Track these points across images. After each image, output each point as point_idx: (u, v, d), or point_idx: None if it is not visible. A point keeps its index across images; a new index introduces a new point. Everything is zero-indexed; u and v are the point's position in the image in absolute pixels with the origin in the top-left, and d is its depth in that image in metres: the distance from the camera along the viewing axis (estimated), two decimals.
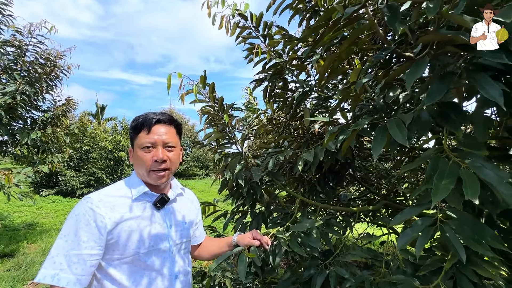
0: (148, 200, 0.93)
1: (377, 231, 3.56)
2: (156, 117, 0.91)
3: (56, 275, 0.75)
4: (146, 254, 0.87)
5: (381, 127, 0.71)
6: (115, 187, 0.92)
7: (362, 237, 1.57)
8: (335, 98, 1.47)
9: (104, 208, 0.83)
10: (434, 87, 0.57)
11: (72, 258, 0.76)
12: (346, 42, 0.66)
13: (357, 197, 2.38)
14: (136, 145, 0.91)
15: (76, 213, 0.81)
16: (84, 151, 9.49)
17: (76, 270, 0.76)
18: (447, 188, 0.59)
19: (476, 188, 0.55)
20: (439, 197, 0.59)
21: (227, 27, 1.56)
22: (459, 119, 0.68)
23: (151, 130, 0.90)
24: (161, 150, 0.90)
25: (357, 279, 1.15)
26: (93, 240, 0.79)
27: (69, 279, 0.75)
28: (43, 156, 4.02)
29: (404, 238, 0.81)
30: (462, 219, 0.75)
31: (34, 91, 3.60)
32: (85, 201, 0.83)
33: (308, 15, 1.55)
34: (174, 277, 0.93)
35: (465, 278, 0.84)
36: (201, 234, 1.19)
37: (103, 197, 0.85)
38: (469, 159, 0.63)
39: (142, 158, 0.89)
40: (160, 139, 0.90)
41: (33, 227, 5.30)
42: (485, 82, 0.53)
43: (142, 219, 0.88)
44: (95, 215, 0.80)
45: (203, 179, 17.16)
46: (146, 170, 0.90)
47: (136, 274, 0.85)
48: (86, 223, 0.79)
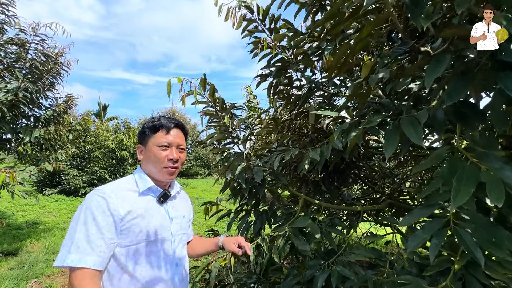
0: (152, 195, 1.02)
1: (380, 230, 3.53)
2: (173, 122, 1.04)
3: (82, 258, 0.80)
4: (151, 242, 0.95)
5: (394, 125, 0.68)
6: (124, 181, 1.00)
7: (366, 237, 1.54)
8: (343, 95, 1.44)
9: (116, 198, 0.90)
10: (455, 86, 0.54)
11: (96, 242, 0.83)
12: (362, 33, 0.62)
13: (360, 196, 2.35)
14: (152, 143, 1.00)
15: (89, 203, 0.87)
16: (86, 151, 9.52)
17: (100, 252, 0.83)
18: (468, 191, 0.56)
19: (500, 192, 0.52)
20: (460, 201, 0.56)
21: (233, 19, 1.54)
22: (476, 118, 0.65)
23: (169, 132, 1.01)
24: (175, 150, 1.01)
25: (360, 279, 1.14)
26: (110, 225, 0.86)
27: (95, 260, 0.82)
28: (46, 153, 4.03)
29: (416, 239, 0.78)
30: (477, 221, 0.72)
31: (36, 89, 3.59)
32: (98, 191, 0.90)
33: (314, 10, 1.52)
34: (175, 264, 1.03)
35: (475, 280, 0.81)
36: (191, 232, 1.28)
37: (114, 189, 0.93)
38: (488, 160, 0.60)
39: (157, 155, 0.98)
40: (176, 141, 1.02)
41: (36, 226, 5.32)
42: (508, 79, 0.50)
43: (148, 211, 0.96)
44: (109, 204, 0.87)
45: (205, 178, 17.20)
46: (160, 167, 0.99)
47: (141, 260, 0.92)
48: (102, 210, 0.86)
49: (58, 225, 5.49)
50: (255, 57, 1.61)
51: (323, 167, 1.61)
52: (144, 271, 0.92)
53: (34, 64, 3.63)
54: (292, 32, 1.48)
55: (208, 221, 1.72)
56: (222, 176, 1.61)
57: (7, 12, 3.56)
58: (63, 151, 4.31)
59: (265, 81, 1.69)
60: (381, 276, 1.15)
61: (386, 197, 1.94)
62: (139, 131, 1.05)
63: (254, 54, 1.60)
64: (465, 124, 0.65)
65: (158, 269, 0.96)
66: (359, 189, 2.73)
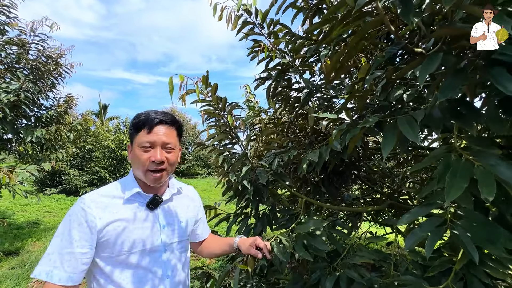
0: (140, 201, 0.93)
1: (380, 230, 3.53)
2: (158, 117, 0.90)
3: (50, 272, 0.78)
4: (136, 253, 0.88)
5: (391, 124, 0.69)
6: (111, 187, 0.93)
7: (367, 238, 1.54)
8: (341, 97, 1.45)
9: (96, 208, 0.85)
10: (448, 83, 0.55)
11: (65, 256, 0.79)
12: (356, 37, 0.64)
13: (360, 196, 2.36)
14: (135, 143, 0.90)
15: (70, 213, 0.84)
16: (87, 150, 9.55)
17: (68, 268, 0.79)
18: (460, 187, 0.57)
19: (491, 186, 0.53)
20: (453, 196, 0.57)
21: (228, 19, 1.53)
22: (472, 116, 0.66)
23: (152, 130, 0.89)
24: (159, 151, 0.89)
25: (366, 282, 1.12)
26: (85, 239, 0.82)
27: (61, 276, 0.78)
28: (46, 153, 4.05)
29: (413, 238, 0.79)
30: (473, 219, 0.73)
31: (37, 89, 3.61)
32: (79, 201, 0.86)
33: (312, 14, 1.53)
34: (165, 277, 0.94)
35: (476, 279, 0.81)
36: (203, 232, 1.19)
37: (97, 197, 0.87)
38: (482, 157, 0.61)
39: (139, 157, 0.89)
40: (160, 140, 0.89)
41: (37, 226, 5.33)
42: (502, 77, 0.51)
43: (133, 220, 0.89)
44: (87, 215, 0.83)
45: (205, 178, 17.20)
46: (143, 170, 0.90)
47: (127, 272, 0.87)
48: (79, 222, 0.82)
49: (58, 224, 5.49)
50: (252, 58, 1.62)
51: (323, 168, 1.62)
52: (137, 284, 0.87)
53: (36, 64, 3.66)
54: (290, 35, 1.48)
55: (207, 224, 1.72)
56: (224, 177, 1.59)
57: (9, 14, 3.59)
58: (63, 151, 4.33)
59: (264, 83, 1.70)
60: (385, 278, 1.14)
61: (386, 198, 1.94)
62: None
63: (253, 57, 1.61)
64: (461, 122, 0.66)
65: (146, 282, 0.89)
66: (359, 189, 2.74)
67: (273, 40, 1.55)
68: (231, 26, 1.54)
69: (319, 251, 1.11)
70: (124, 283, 0.86)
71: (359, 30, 0.63)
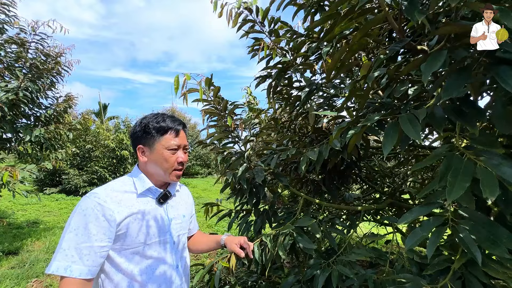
0: (151, 196, 0.99)
1: (381, 230, 3.52)
2: (180, 122, 1.02)
3: (68, 267, 0.79)
4: (150, 245, 0.93)
5: (393, 122, 0.68)
6: (119, 183, 0.97)
7: (367, 236, 1.55)
8: (342, 95, 1.44)
9: (112, 202, 0.88)
10: (452, 81, 0.55)
11: (83, 251, 0.81)
12: (359, 33, 0.63)
13: (361, 196, 2.35)
14: (161, 146, 0.96)
15: (84, 207, 0.85)
16: (87, 150, 9.53)
17: (87, 262, 0.81)
18: (462, 186, 0.56)
19: (494, 186, 0.53)
20: (455, 195, 0.56)
21: (229, 16, 1.52)
22: (475, 116, 0.65)
23: (179, 134, 0.99)
24: (182, 152, 1.00)
25: (360, 278, 1.14)
26: (103, 233, 0.84)
27: (82, 270, 0.80)
28: (46, 152, 4.03)
29: (414, 237, 0.78)
30: (476, 219, 0.73)
31: (37, 88, 3.60)
32: (92, 196, 0.87)
33: (313, 11, 1.52)
34: (175, 266, 1.01)
35: (474, 279, 0.81)
36: (194, 227, 1.26)
37: (110, 192, 0.91)
38: (485, 156, 0.61)
39: (168, 158, 0.96)
40: (183, 143, 1.01)
41: (36, 225, 5.33)
42: (506, 75, 0.51)
43: (147, 213, 0.95)
44: (104, 209, 0.85)
45: (205, 177, 17.18)
46: (169, 169, 0.97)
47: (140, 263, 0.92)
48: (95, 217, 0.84)
49: (58, 224, 5.49)
50: (252, 56, 1.61)
51: (323, 167, 1.61)
52: (144, 275, 0.91)
53: (35, 63, 3.64)
54: (291, 33, 1.48)
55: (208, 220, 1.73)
56: (223, 176, 1.61)
57: (8, 12, 3.57)
58: (63, 151, 4.32)
59: (265, 82, 1.70)
60: (381, 275, 1.15)
61: (387, 197, 1.94)
62: (138, 130, 0.98)
63: (253, 55, 1.60)
64: (464, 122, 0.65)
65: (158, 272, 0.95)
66: (359, 189, 2.73)
67: (273, 38, 1.54)
68: (231, 24, 1.53)
69: (307, 250, 1.15)
70: (140, 274, 0.90)
71: (361, 27, 0.62)
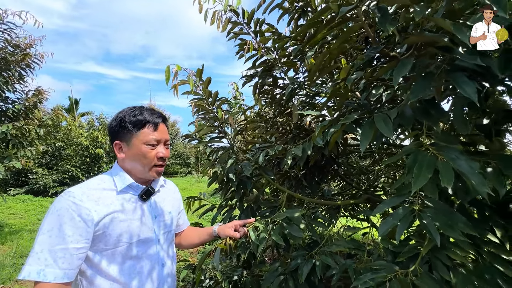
0: (132, 192, 0.94)
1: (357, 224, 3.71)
2: (159, 115, 0.95)
3: (41, 271, 0.74)
4: (132, 244, 0.89)
5: (369, 121, 0.76)
6: (97, 181, 0.91)
7: (346, 229, 1.65)
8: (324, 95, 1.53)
9: (89, 201, 0.83)
10: (418, 85, 0.63)
11: (58, 253, 0.76)
12: (339, 40, 0.70)
13: (339, 192, 2.48)
14: (138, 141, 0.90)
15: (58, 207, 0.79)
16: (57, 148, 8.96)
17: (63, 265, 0.76)
18: (425, 176, 0.65)
19: (450, 176, 0.61)
20: (419, 185, 0.65)
21: (219, 22, 1.57)
22: (438, 116, 0.74)
23: (158, 127, 0.92)
24: (163, 147, 0.94)
25: (341, 267, 1.22)
26: (79, 234, 0.79)
27: (57, 273, 0.75)
28: (13, 150, 3.76)
29: (386, 225, 0.86)
30: (438, 208, 0.82)
31: (3, 81, 3.35)
32: (67, 195, 0.82)
33: (297, 15, 1.59)
34: (161, 265, 0.97)
35: (439, 262, 0.92)
36: (184, 223, 1.23)
37: (86, 190, 0.85)
38: (445, 152, 0.70)
39: (146, 154, 0.90)
40: (164, 137, 0.94)
41: (1, 228, 4.94)
42: (462, 81, 0.59)
43: (128, 211, 0.90)
44: (79, 208, 0.80)
45: (184, 176, 16.85)
46: (149, 165, 0.92)
47: (123, 263, 0.87)
48: (70, 217, 0.78)
49: (26, 227, 5.14)
50: (239, 56, 1.66)
51: (305, 163, 1.69)
52: (127, 275, 0.87)
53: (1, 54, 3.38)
54: (276, 35, 1.54)
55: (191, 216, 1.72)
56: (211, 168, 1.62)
57: None
58: (32, 148, 4.05)
59: (251, 81, 1.74)
60: (360, 264, 1.25)
61: (363, 192, 2.07)
62: (114, 125, 0.92)
63: (240, 55, 1.65)
64: (429, 121, 0.75)
65: (143, 272, 0.90)
66: (337, 185, 2.88)
67: (259, 38, 1.59)
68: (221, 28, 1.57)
69: (295, 238, 1.19)
70: (123, 275, 0.86)
71: (341, 34, 0.69)
